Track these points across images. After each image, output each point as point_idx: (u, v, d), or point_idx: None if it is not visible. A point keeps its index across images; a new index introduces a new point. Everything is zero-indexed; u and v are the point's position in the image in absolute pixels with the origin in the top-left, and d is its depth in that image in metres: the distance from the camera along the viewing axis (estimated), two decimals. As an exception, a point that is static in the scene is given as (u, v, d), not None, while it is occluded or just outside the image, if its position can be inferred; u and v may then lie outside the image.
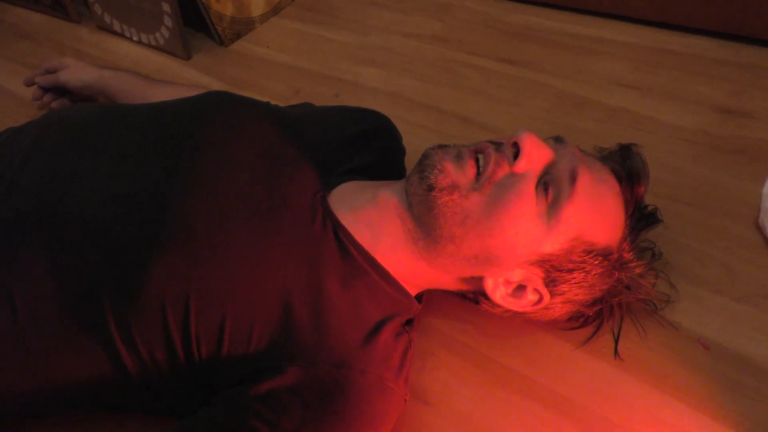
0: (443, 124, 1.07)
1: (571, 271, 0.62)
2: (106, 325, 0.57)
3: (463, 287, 0.68)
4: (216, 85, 1.22)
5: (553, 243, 0.61)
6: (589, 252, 0.62)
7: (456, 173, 0.62)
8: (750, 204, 0.84)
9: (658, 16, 1.18)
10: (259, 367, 0.57)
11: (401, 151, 0.86)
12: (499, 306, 0.66)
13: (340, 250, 0.64)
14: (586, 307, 0.67)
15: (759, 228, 0.81)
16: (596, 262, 0.62)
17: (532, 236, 0.61)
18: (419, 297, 0.71)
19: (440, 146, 0.65)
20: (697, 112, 1.01)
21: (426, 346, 0.74)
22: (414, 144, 0.84)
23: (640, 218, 0.67)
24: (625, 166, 0.67)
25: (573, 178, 0.61)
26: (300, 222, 0.65)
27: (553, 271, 0.62)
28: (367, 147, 0.80)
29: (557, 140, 0.66)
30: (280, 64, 1.28)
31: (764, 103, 0.99)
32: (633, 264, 0.65)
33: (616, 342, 0.70)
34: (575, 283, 0.63)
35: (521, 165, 0.61)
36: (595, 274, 0.63)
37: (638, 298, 0.69)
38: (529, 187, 0.60)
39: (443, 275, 0.67)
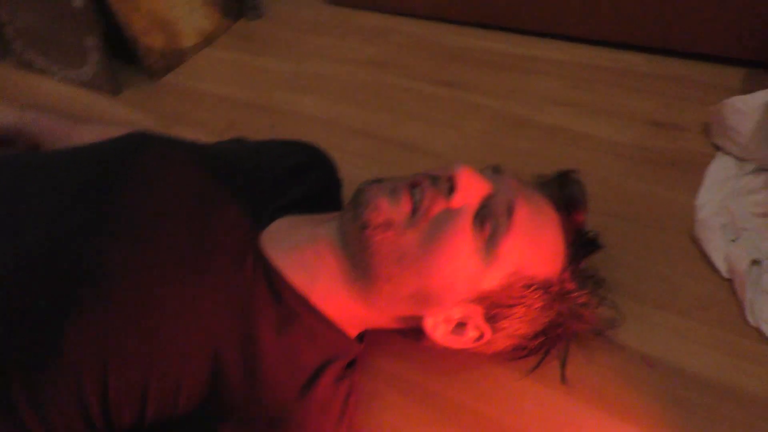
0: (382, 152, 1.05)
1: (511, 306, 0.61)
2: (9, 391, 0.52)
3: (404, 326, 0.66)
4: (148, 120, 1.18)
5: (491, 279, 0.59)
6: (529, 286, 0.60)
7: (390, 210, 0.60)
8: (685, 216, 0.85)
9: (588, 33, 1.20)
10: (188, 430, 0.54)
11: (337, 183, 0.84)
12: (440, 345, 0.64)
13: (272, 294, 0.61)
14: (528, 340, 0.66)
15: (694, 240, 0.82)
16: (537, 296, 0.61)
17: (470, 273, 0.59)
18: (360, 337, 0.69)
19: (375, 181, 0.63)
20: (631, 126, 1.02)
21: (371, 388, 0.71)
22: (353, 174, 0.82)
23: (581, 246, 0.66)
24: (564, 194, 0.66)
25: (510, 212, 0.59)
26: (229, 268, 0.62)
27: (493, 307, 0.61)
28: (301, 181, 0.77)
29: (495, 170, 0.65)
30: (214, 96, 1.25)
31: (693, 115, 1.01)
32: (575, 294, 0.64)
33: (563, 368, 0.69)
34: (516, 318, 0.62)
35: (457, 200, 0.59)
36: (536, 308, 0.62)
37: (581, 328, 0.68)
38: (465, 222, 0.59)
39: (382, 315, 0.65)
